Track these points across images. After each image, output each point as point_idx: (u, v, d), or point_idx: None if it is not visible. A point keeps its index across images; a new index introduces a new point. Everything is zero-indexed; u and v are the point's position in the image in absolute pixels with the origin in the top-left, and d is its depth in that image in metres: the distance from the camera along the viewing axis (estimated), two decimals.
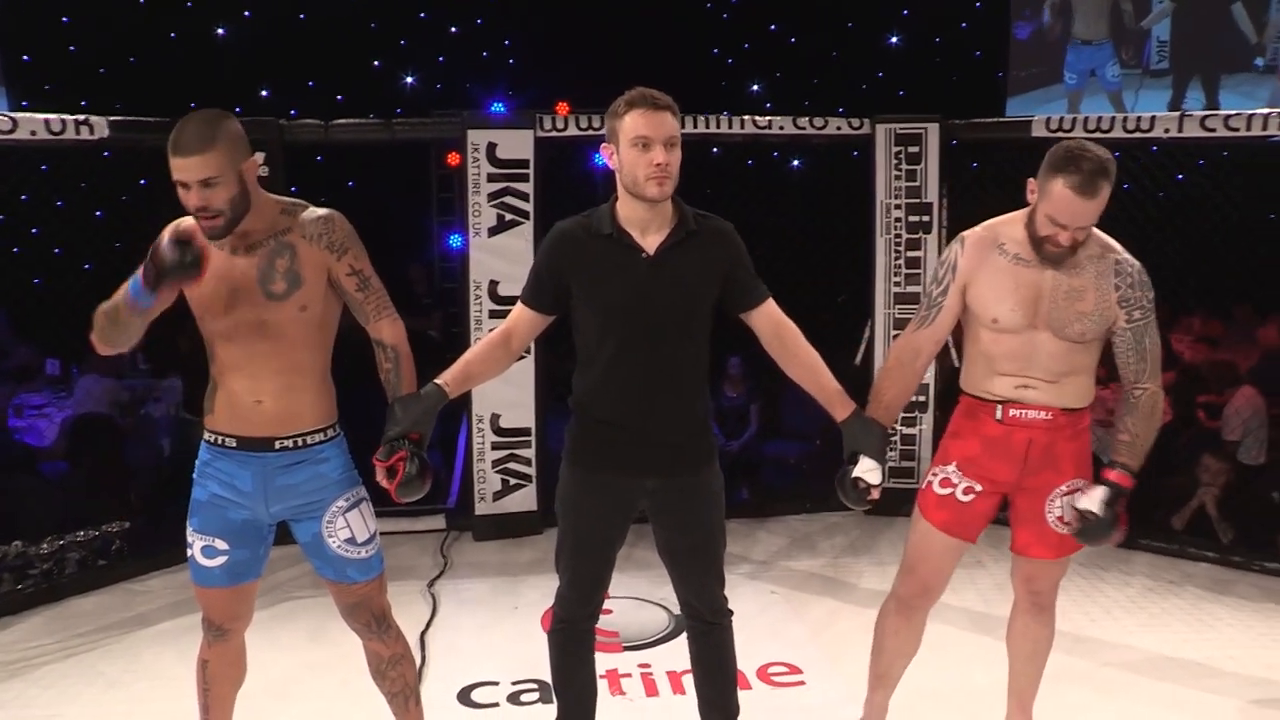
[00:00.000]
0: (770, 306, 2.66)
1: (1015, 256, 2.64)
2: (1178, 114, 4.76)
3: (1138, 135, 4.76)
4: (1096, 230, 2.64)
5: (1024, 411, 2.68)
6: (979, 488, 2.74)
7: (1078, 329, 2.61)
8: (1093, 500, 2.61)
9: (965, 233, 2.75)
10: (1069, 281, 2.60)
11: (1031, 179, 2.61)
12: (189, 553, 2.64)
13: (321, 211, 2.59)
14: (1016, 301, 2.62)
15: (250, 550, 2.64)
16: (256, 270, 2.49)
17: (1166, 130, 4.72)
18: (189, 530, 2.63)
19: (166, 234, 2.42)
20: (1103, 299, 2.61)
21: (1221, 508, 4.97)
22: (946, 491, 2.77)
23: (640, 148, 2.45)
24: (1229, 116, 4.62)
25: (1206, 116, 4.68)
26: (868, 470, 2.59)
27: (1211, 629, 4.05)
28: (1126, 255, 2.67)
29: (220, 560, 2.61)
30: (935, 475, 2.80)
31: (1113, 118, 4.84)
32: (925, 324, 2.74)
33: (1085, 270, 2.62)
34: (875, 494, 2.62)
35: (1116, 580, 4.52)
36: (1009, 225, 2.70)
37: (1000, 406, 2.69)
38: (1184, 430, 5.80)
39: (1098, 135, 4.80)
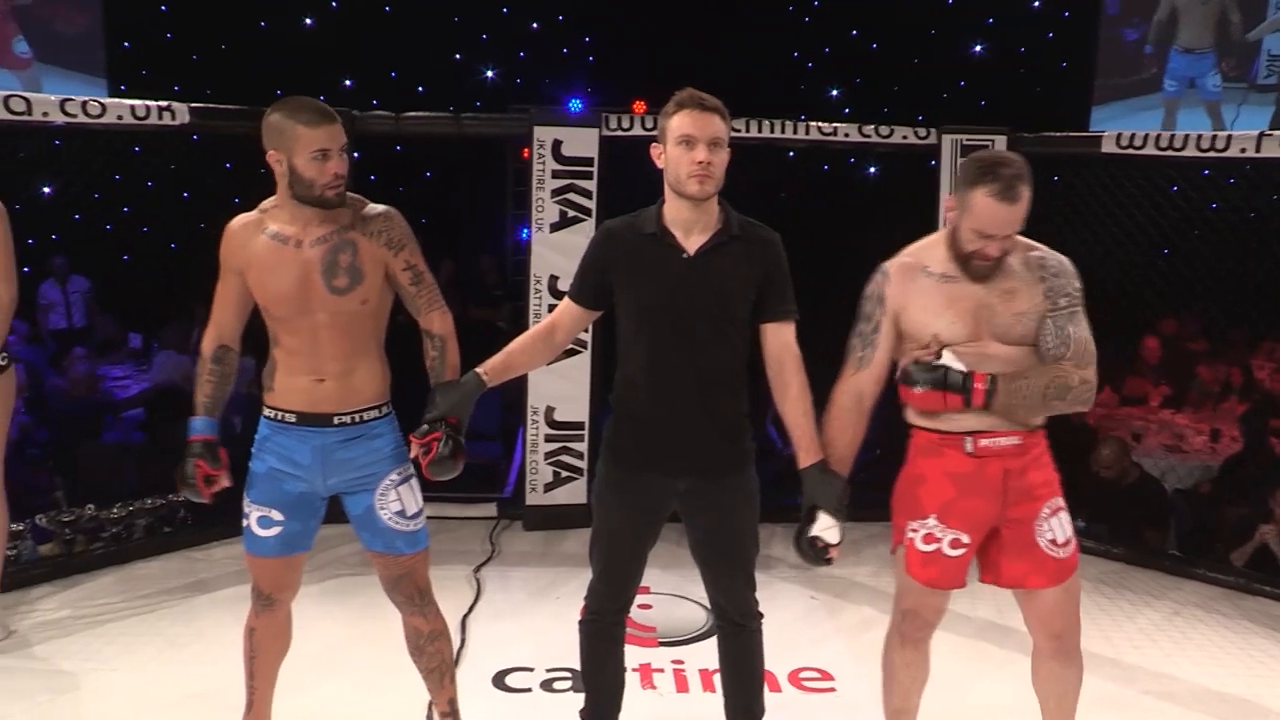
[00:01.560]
0: (787, 329, 2.65)
1: (942, 275, 2.57)
2: (1256, 133, 4.62)
3: (1212, 154, 4.65)
4: (1019, 237, 2.59)
5: (995, 440, 2.56)
6: (966, 539, 2.62)
7: (1019, 331, 2.53)
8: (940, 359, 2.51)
9: (885, 263, 2.67)
10: (1000, 285, 2.54)
11: (950, 196, 2.56)
12: (245, 523, 2.77)
13: (380, 209, 2.71)
14: (955, 315, 2.54)
15: (303, 522, 2.77)
16: (321, 264, 2.62)
17: (1243, 150, 4.58)
18: (246, 501, 2.76)
19: (187, 475, 2.68)
20: (1032, 295, 2.54)
21: None
22: (932, 548, 2.64)
23: (685, 146, 2.51)
24: None
25: None
26: (825, 529, 2.56)
27: (1262, 664, 3.94)
28: (1049, 251, 2.61)
29: (275, 530, 2.74)
30: (915, 531, 2.66)
31: (1186, 136, 4.72)
32: (863, 365, 2.64)
33: (1013, 271, 2.55)
34: (834, 553, 2.58)
35: (1166, 608, 4.43)
36: (929, 249, 2.63)
37: (969, 438, 2.57)
38: (1252, 459, 5.65)
39: (1170, 154, 4.72)
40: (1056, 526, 2.63)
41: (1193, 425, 6.30)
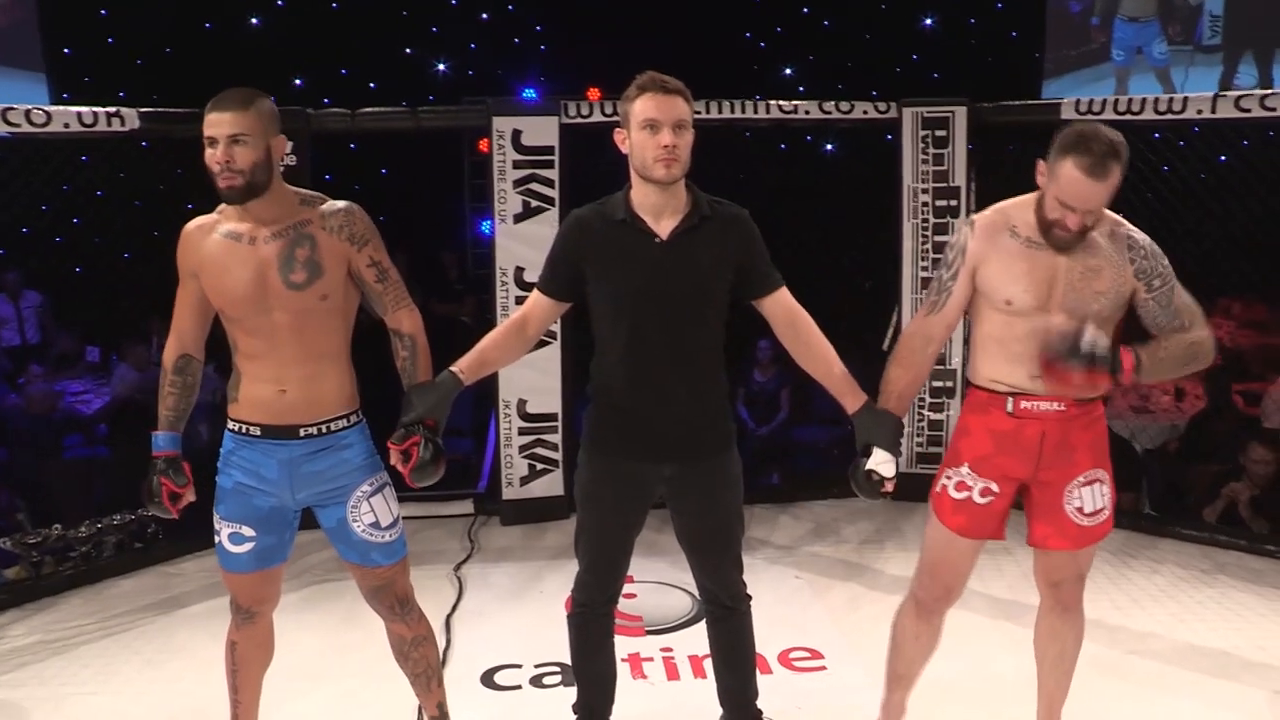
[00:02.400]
0: (784, 294, 2.65)
1: (1028, 239, 2.58)
2: (1211, 95, 4.65)
3: (1170, 117, 4.68)
4: (1105, 210, 2.59)
5: (1036, 403, 2.60)
6: (996, 488, 2.66)
7: (1095, 308, 2.54)
8: (1084, 337, 2.47)
9: (974, 215, 2.70)
10: (1085, 261, 2.54)
11: (1042, 161, 2.56)
12: (216, 539, 2.69)
13: (341, 204, 2.62)
14: (1030, 283, 2.55)
15: (277, 536, 2.69)
16: (277, 259, 2.53)
17: (1200, 111, 4.62)
18: (216, 518, 2.68)
19: (153, 491, 2.62)
20: (1118, 275, 2.55)
21: (1255, 501, 4.89)
22: (963, 495, 2.68)
23: (649, 130, 2.47)
24: (1266, 96, 4.50)
25: (1241, 97, 4.57)
26: (881, 463, 2.57)
27: (1242, 619, 3.99)
28: (1134, 229, 2.62)
29: (247, 546, 2.66)
30: (949, 478, 2.71)
31: (1144, 99, 4.75)
32: (936, 310, 2.68)
33: (1100, 249, 2.56)
34: (889, 486, 2.59)
35: (1145, 569, 4.48)
36: (1020, 209, 2.64)
37: (1011, 399, 2.61)
38: (1217, 417, 5.72)
39: (1129, 117, 4.74)
40: (1087, 496, 2.66)
41: (1158, 385, 6.36)
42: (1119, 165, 2.44)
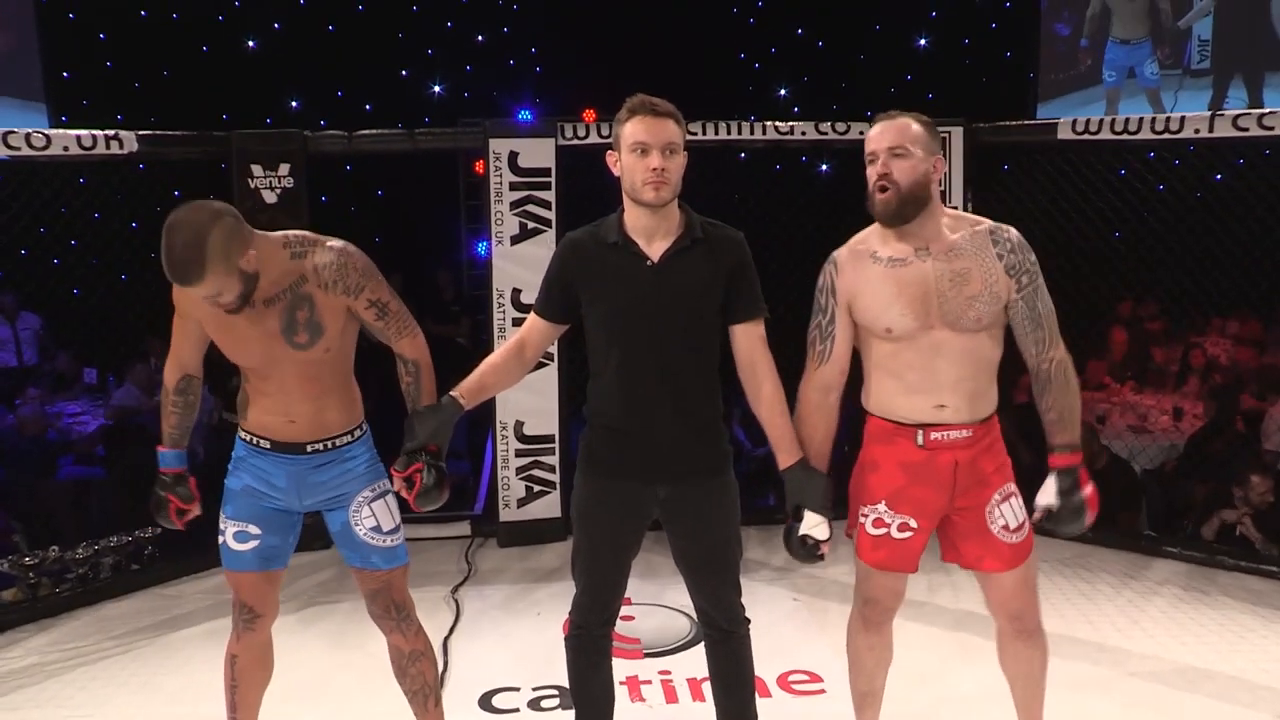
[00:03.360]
0: (756, 330, 2.63)
1: (889, 260, 2.57)
2: (1209, 114, 4.67)
3: (1167, 136, 4.69)
4: (963, 213, 2.63)
5: (945, 433, 2.57)
6: (914, 524, 2.64)
7: (973, 315, 2.53)
8: (1048, 493, 2.56)
9: (835, 252, 2.68)
10: (950, 267, 2.53)
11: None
12: (221, 539, 2.76)
13: (332, 253, 2.59)
14: (905, 304, 2.54)
15: (281, 537, 2.76)
16: (279, 323, 2.57)
17: (1197, 130, 4.62)
18: (222, 517, 2.75)
19: (160, 510, 2.75)
20: (989, 274, 2.54)
21: (1257, 521, 4.88)
22: (880, 532, 2.66)
23: (639, 153, 2.48)
24: (1263, 115, 4.51)
25: (1239, 116, 4.59)
26: (814, 526, 2.57)
27: (1244, 640, 3.97)
28: (996, 224, 2.61)
29: (252, 544, 2.73)
30: (866, 515, 2.69)
31: (1140, 119, 4.76)
32: (824, 360, 2.65)
33: (964, 251, 2.55)
34: (824, 549, 2.59)
35: (1144, 589, 4.47)
36: (874, 233, 2.64)
37: (920, 431, 2.59)
38: (1217, 436, 5.72)
39: (1125, 137, 4.76)
40: (1008, 512, 2.65)
41: (1156, 405, 6.37)
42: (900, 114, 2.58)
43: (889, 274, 2.56)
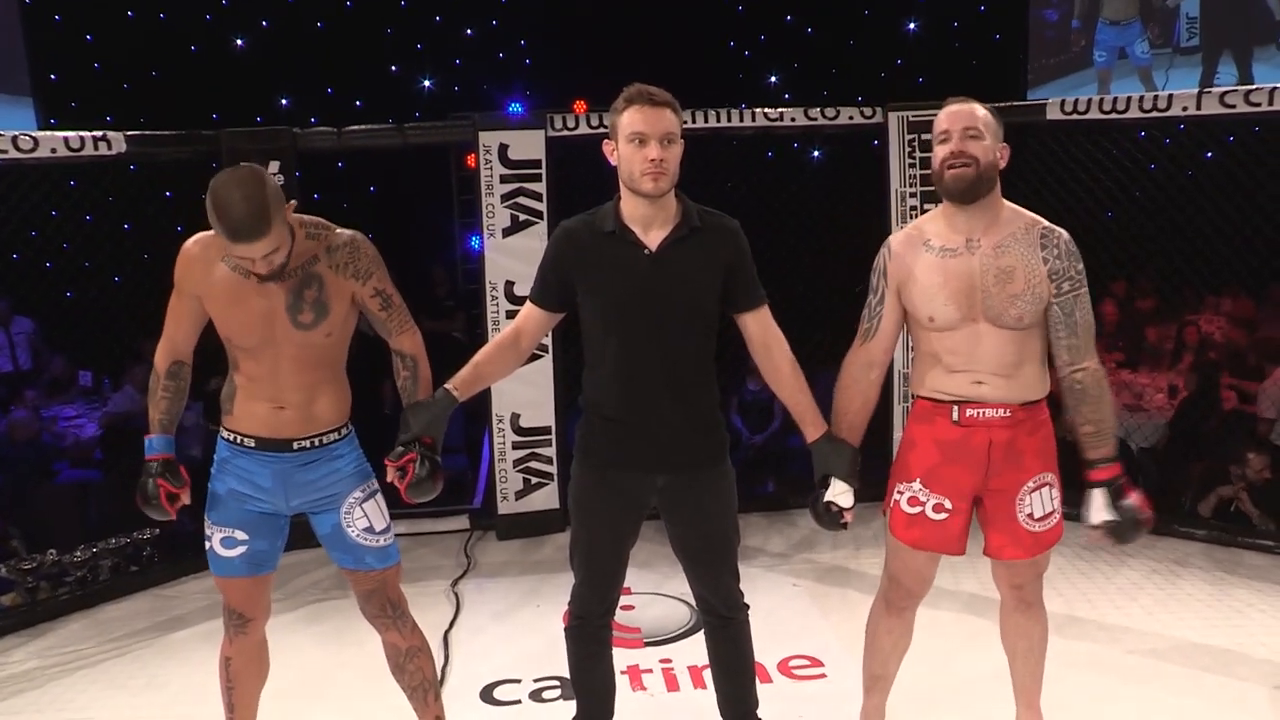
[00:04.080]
0: (764, 313, 2.65)
1: (941, 249, 2.59)
2: (1196, 92, 4.67)
3: (1155, 115, 4.69)
4: (1021, 209, 2.63)
5: (981, 410, 2.59)
6: (949, 505, 2.65)
7: (1014, 313, 2.54)
8: (1097, 510, 2.55)
9: (891, 236, 2.72)
10: (996, 263, 2.55)
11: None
12: (208, 545, 2.73)
13: (345, 237, 2.63)
14: (948, 295, 2.56)
15: (269, 541, 2.73)
16: (285, 299, 2.56)
17: (1185, 109, 4.62)
18: (208, 523, 2.71)
19: (150, 494, 2.63)
20: (1032, 274, 2.55)
21: (1255, 500, 4.89)
22: (915, 510, 2.68)
23: (637, 143, 2.47)
24: (1250, 92, 4.52)
25: (1226, 93, 4.59)
26: (839, 494, 2.59)
27: (1241, 614, 4.00)
28: (1051, 225, 2.62)
29: (239, 550, 2.70)
30: (901, 493, 2.71)
31: (1129, 98, 4.76)
32: (870, 336, 2.69)
33: (1011, 248, 2.56)
34: (848, 516, 2.62)
35: (1143, 567, 4.48)
36: (931, 220, 2.67)
37: (956, 407, 2.61)
38: (1211, 414, 5.73)
39: (1114, 116, 4.77)
40: (1037, 502, 2.65)
41: (1151, 383, 6.38)
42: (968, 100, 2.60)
43: (938, 264, 2.59)
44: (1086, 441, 2.59)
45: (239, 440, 2.67)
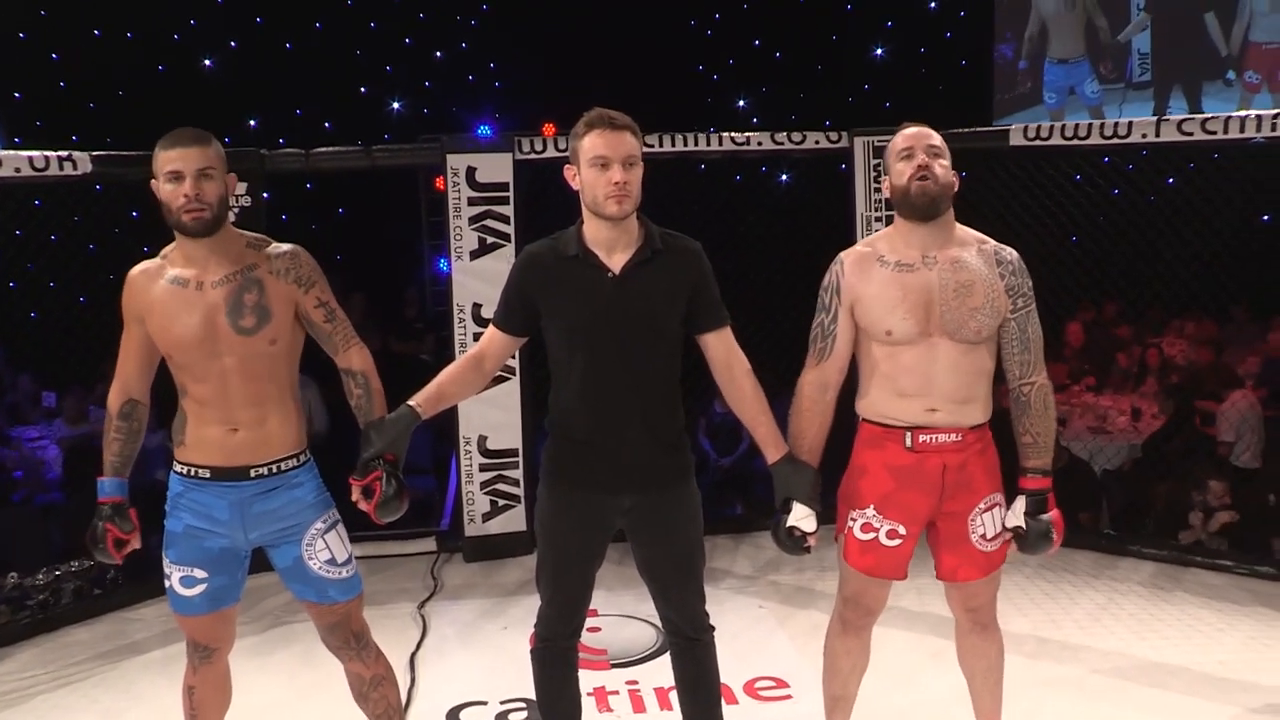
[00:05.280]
0: (726, 334, 2.66)
1: (897, 264, 2.62)
2: (1155, 120, 4.78)
3: (1115, 141, 4.78)
4: (969, 229, 2.68)
5: (934, 436, 2.61)
6: (903, 530, 2.67)
7: (973, 326, 2.58)
8: (1017, 514, 2.63)
9: (842, 253, 2.73)
10: (955, 278, 2.58)
11: (884, 179, 2.69)
12: (167, 584, 2.67)
13: (286, 247, 2.65)
14: (908, 309, 2.58)
15: (229, 576, 2.67)
16: (226, 305, 2.55)
17: (1144, 135, 4.73)
18: (166, 561, 2.66)
19: (98, 537, 2.62)
20: (990, 289, 2.59)
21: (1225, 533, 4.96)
22: (869, 536, 2.69)
23: (599, 167, 2.49)
24: (1206, 120, 4.63)
25: (1183, 120, 4.69)
26: (802, 518, 2.60)
27: (1202, 634, 4.04)
28: (999, 244, 2.68)
29: (199, 589, 2.64)
30: (854, 520, 2.71)
31: (1089, 125, 4.85)
32: (825, 356, 2.69)
33: (969, 264, 2.60)
34: (811, 541, 2.63)
35: (1106, 588, 4.52)
36: (884, 238, 2.70)
37: (909, 433, 2.63)
38: (1175, 435, 5.81)
39: (1076, 143, 4.84)
40: (989, 522, 2.69)
41: (1114, 406, 6.46)
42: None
43: (895, 278, 2.61)
44: (1024, 451, 2.66)
45: (193, 472, 2.61)
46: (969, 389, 2.62)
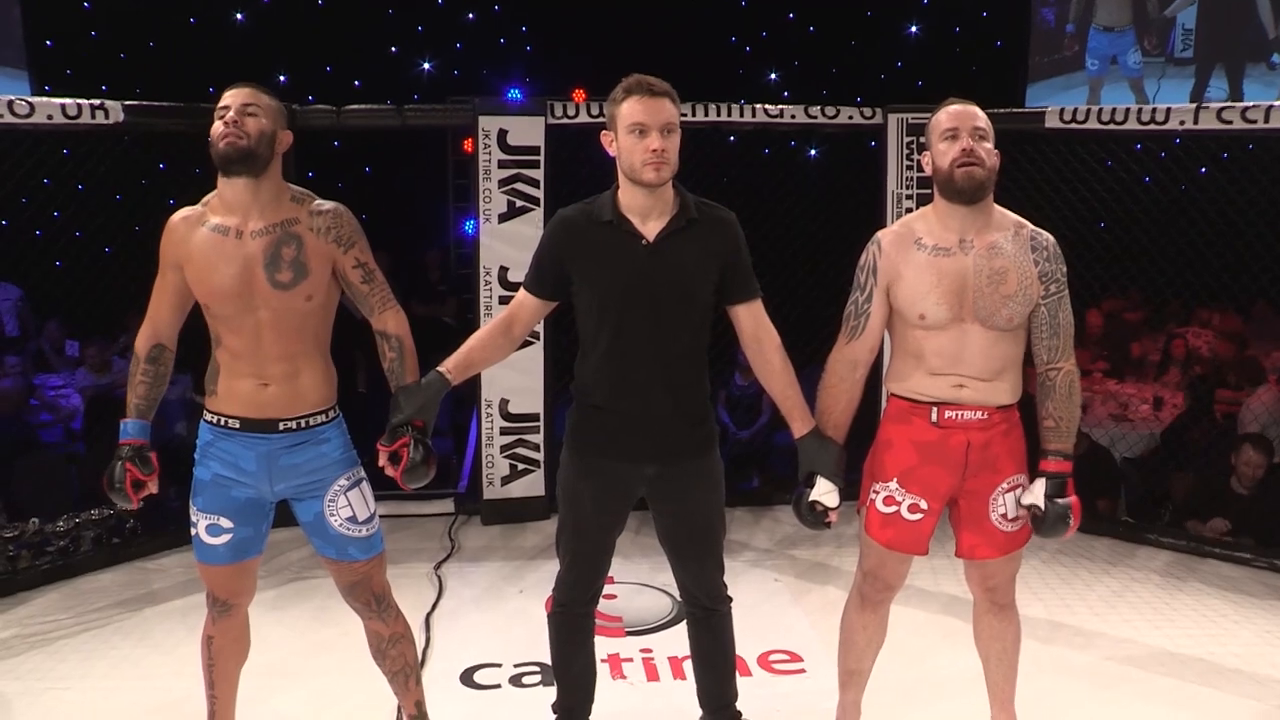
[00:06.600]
0: (757, 306, 2.66)
1: (934, 248, 2.60)
2: (1194, 106, 4.69)
3: (1153, 128, 4.71)
4: (1006, 211, 2.66)
5: (960, 413, 2.61)
6: (924, 505, 2.67)
7: (1005, 314, 2.57)
8: (1035, 495, 2.62)
9: (880, 233, 2.71)
10: (990, 264, 2.57)
11: (924, 154, 2.66)
12: (193, 531, 2.68)
13: (328, 205, 2.64)
14: (941, 294, 2.57)
15: (254, 527, 2.69)
16: (264, 257, 2.54)
17: (1182, 123, 4.65)
18: (193, 509, 2.67)
19: (116, 479, 2.59)
20: (1024, 276, 2.58)
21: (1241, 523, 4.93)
22: (891, 510, 2.70)
23: (637, 134, 2.47)
24: (1246, 109, 4.54)
25: (1223, 109, 4.61)
26: (825, 493, 2.61)
27: (1217, 625, 4.03)
28: (1036, 229, 2.65)
29: (224, 538, 2.66)
30: (877, 493, 2.72)
31: (1127, 109, 4.78)
32: (856, 334, 2.68)
33: (1004, 250, 2.59)
34: (833, 516, 2.64)
35: (1122, 575, 4.51)
36: (921, 219, 2.68)
37: (935, 408, 2.63)
38: (1195, 425, 5.77)
39: (1112, 127, 4.78)
40: (1010, 502, 2.68)
41: (1137, 394, 6.42)
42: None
43: (931, 262, 2.59)
44: (1046, 434, 2.65)
45: (223, 422, 2.62)
46: (998, 371, 2.62)
